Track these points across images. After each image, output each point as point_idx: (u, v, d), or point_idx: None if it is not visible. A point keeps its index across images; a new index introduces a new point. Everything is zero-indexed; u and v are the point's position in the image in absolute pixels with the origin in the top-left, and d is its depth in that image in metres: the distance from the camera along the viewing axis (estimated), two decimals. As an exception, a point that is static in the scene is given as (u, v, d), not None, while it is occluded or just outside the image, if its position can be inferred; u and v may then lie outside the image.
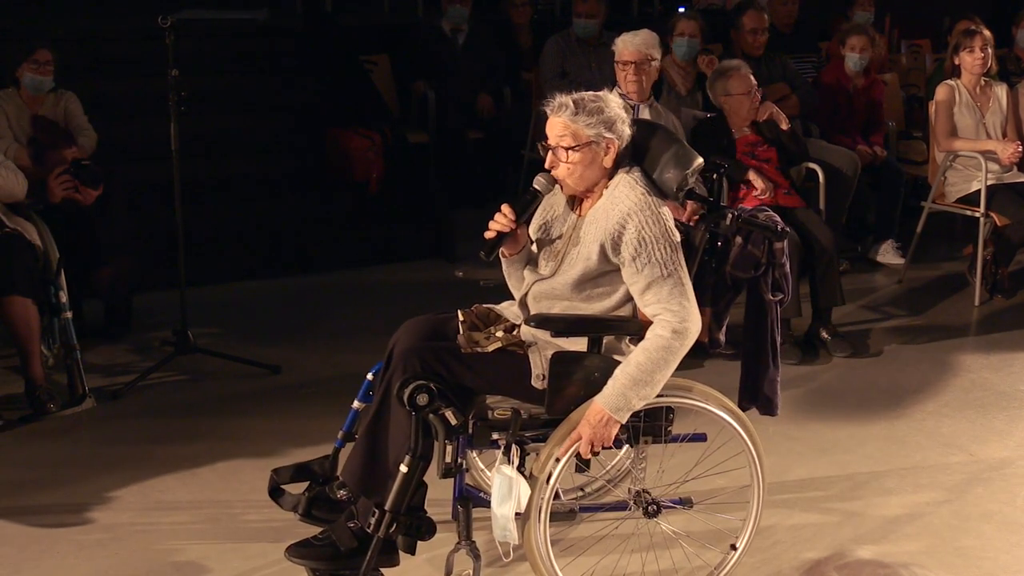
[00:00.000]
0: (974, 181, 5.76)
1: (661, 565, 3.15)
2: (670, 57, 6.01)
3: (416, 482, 2.83)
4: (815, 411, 4.43)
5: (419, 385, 2.75)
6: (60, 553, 3.31)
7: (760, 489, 3.07)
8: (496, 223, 2.96)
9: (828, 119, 6.40)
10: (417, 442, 2.79)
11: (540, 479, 2.83)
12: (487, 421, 2.92)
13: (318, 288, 6.01)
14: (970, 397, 4.59)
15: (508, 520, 2.79)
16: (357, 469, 2.95)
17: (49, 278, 4.39)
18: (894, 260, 6.39)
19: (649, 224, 2.83)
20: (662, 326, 2.82)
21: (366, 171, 6.64)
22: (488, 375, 2.90)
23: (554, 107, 2.93)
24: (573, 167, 2.92)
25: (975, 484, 3.82)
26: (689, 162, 2.98)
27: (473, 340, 2.95)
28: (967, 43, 5.87)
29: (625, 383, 2.80)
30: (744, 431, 3.02)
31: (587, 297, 2.95)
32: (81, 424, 4.25)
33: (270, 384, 4.65)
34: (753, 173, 5.18)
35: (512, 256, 3.06)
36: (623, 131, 2.95)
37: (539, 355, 2.89)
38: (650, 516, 3.03)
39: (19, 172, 4.49)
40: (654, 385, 2.82)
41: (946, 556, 3.34)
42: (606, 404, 2.80)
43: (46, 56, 5.03)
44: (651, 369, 2.80)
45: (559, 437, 2.85)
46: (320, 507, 3.10)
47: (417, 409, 2.75)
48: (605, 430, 2.80)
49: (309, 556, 2.93)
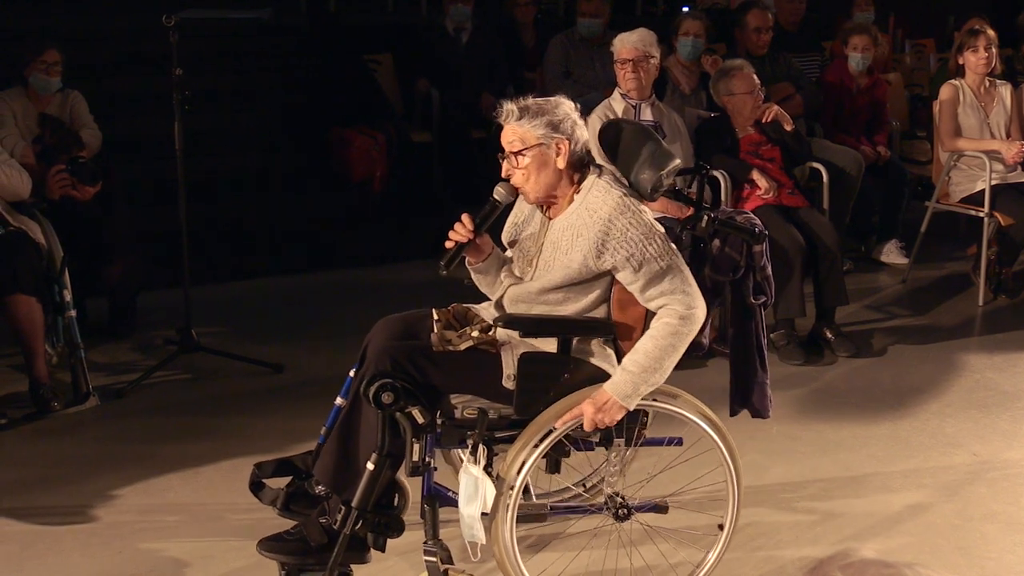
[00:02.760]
0: (978, 181, 5.75)
1: (638, 562, 3.14)
2: (674, 56, 6.01)
3: (385, 480, 2.85)
4: (818, 411, 4.43)
5: (384, 383, 2.76)
6: (63, 551, 3.32)
7: (736, 493, 3.04)
8: (455, 233, 2.98)
9: (832, 118, 6.39)
10: (384, 440, 2.82)
11: (507, 479, 2.83)
12: (455, 420, 2.93)
13: (321, 287, 6.01)
14: (974, 397, 4.59)
15: (474, 520, 2.80)
16: (329, 466, 2.97)
17: (53, 276, 4.39)
18: (898, 260, 6.39)
19: (633, 224, 2.84)
20: (669, 314, 2.83)
21: (369, 170, 6.64)
22: (458, 374, 2.90)
23: (502, 115, 2.94)
24: (527, 172, 2.92)
25: (979, 484, 3.82)
26: (664, 163, 2.96)
27: (445, 339, 2.95)
28: (971, 42, 5.87)
29: (635, 371, 2.81)
30: (718, 436, 3.00)
31: (563, 300, 2.95)
32: (85, 422, 4.25)
33: (273, 383, 4.65)
34: (757, 173, 5.18)
35: (477, 264, 3.08)
36: (573, 132, 2.93)
37: (511, 355, 2.89)
38: (620, 520, 3.02)
39: (23, 171, 4.50)
40: (663, 372, 2.83)
41: (950, 556, 3.34)
42: (615, 391, 2.81)
43: (55, 57, 5.04)
44: (659, 356, 2.81)
45: (529, 436, 2.85)
46: (299, 502, 3.10)
47: (382, 407, 2.77)
48: (609, 413, 2.81)
49: (279, 550, 2.95)
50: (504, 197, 3.00)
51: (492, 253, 3.08)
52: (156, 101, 5.39)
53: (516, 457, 2.84)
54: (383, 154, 6.65)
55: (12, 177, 4.42)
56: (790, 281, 4.94)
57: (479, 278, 3.14)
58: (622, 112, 4.99)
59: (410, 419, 2.78)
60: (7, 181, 4.41)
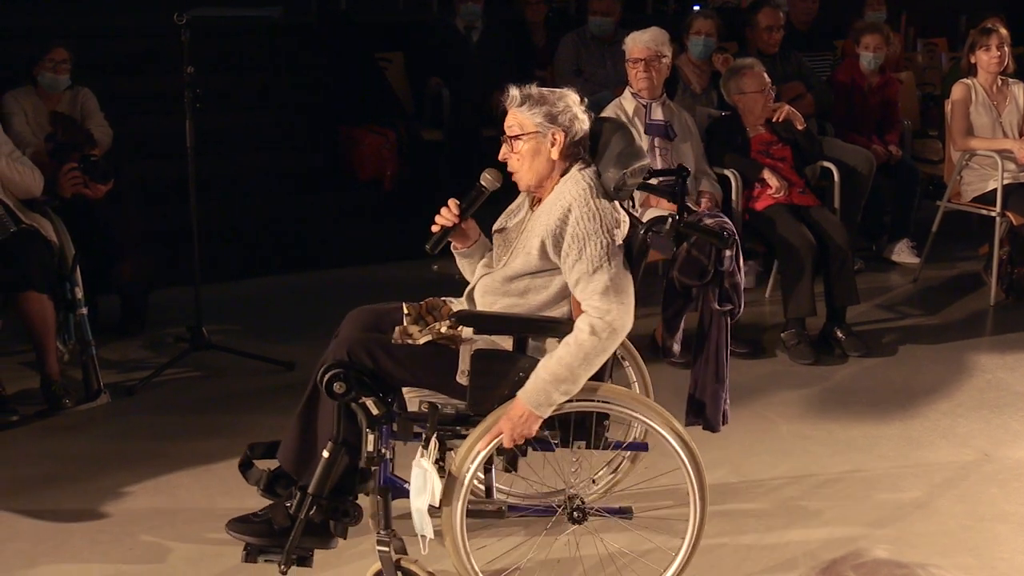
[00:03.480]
0: (990, 180, 5.73)
1: (601, 550, 3.12)
2: (685, 55, 6.00)
3: (340, 467, 2.86)
4: (829, 410, 4.42)
5: (336, 373, 2.78)
6: (74, 548, 3.33)
7: (698, 507, 2.94)
8: (441, 217, 3.04)
9: (843, 118, 6.38)
10: (339, 429, 2.84)
11: (459, 474, 2.83)
12: (408, 413, 2.94)
13: (332, 285, 6.02)
14: (985, 397, 4.57)
15: (422, 513, 2.81)
16: (290, 451, 3.01)
17: (65, 274, 4.40)
18: (909, 259, 6.37)
19: (584, 219, 2.83)
20: (584, 320, 2.81)
21: (380, 168, 6.65)
22: (412, 368, 2.91)
23: (507, 99, 2.97)
24: (521, 158, 2.96)
25: (990, 484, 3.80)
26: (630, 162, 2.94)
27: (407, 332, 2.97)
28: (983, 41, 5.85)
29: (546, 378, 2.79)
30: (680, 445, 2.91)
31: (524, 291, 2.95)
32: (96, 420, 4.27)
33: (283, 381, 4.66)
34: (768, 172, 5.17)
35: (463, 249, 3.12)
36: (571, 124, 2.94)
37: (469, 351, 2.90)
38: (576, 523, 3.00)
39: (36, 168, 4.52)
40: (575, 381, 2.79)
41: (961, 556, 3.33)
42: (527, 400, 2.80)
43: (62, 55, 5.06)
44: (572, 364, 2.78)
45: (480, 432, 2.85)
46: (281, 484, 3.10)
47: (334, 396, 2.80)
48: (525, 425, 2.80)
49: (244, 531, 2.98)
50: (490, 183, 3.04)
51: (479, 240, 3.12)
52: (167, 99, 5.40)
53: (468, 452, 2.84)
54: (393, 152, 6.66)
55: (24, 175, 4.44)
56: (801, 280, 4.94)
57: (463, 264, 3.17)
58: (633, 111, 4.99)
59: (364, 410, 2.80)
60: (19, 179, 4.42)
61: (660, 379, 3.38)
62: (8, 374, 4.42)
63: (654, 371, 3.51)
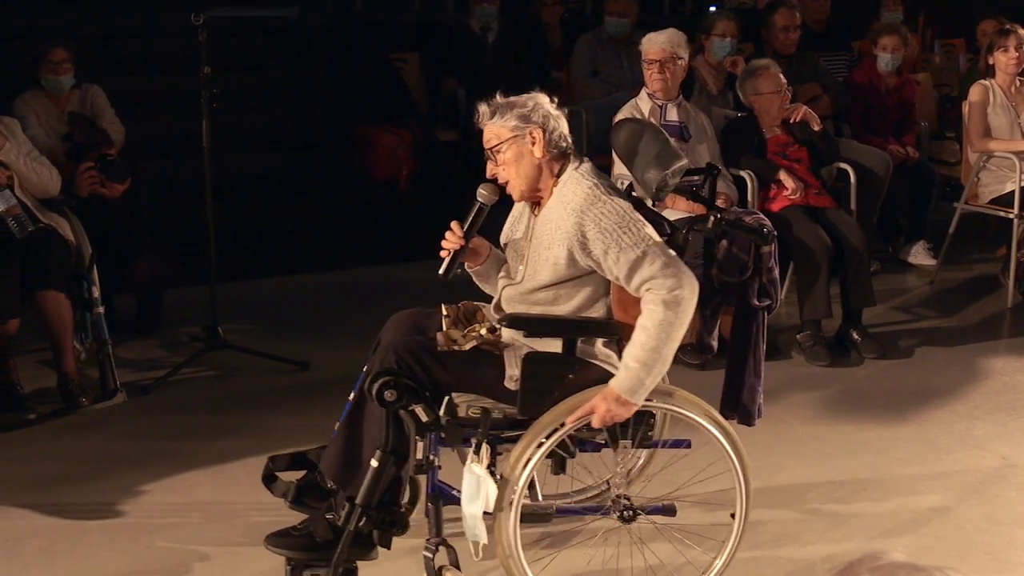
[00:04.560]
0: (1008, 182, 5.70)
1: (646, 562, 3.12)
2: (702, 56, 5.99)
3: (388, 477, 2.84)
4: (845, 412, 4.41)
5: (387, 381, 2.76)
6: (91, 545, 3.34)
7: (744, 500, 2.99)
8: (447, 241, 3.01)
9: (860, 119, 6.36)
10: (388, 437, 2.81)
11: (511, 478, 2.82)
12: (459, 419, 2.92)
13: (348, 285, 6.03)
14: (1002, 400, 4.55)
15: (476, 519, 2.79)
16: (334, 461, 2.97)
17: (82, 273, 4.43)
18: (926, 261, 6.35)
19: (605, 214, 2.82)
20: (652, 300, 2.79)
21: (396, 169, 6.66)
22: (462, 373, 2.90)
23: (479, 118, 2.97)
24: (507, 167, 2.95)
25: (1007, 488, 3.78)
26: (670, 162, 2.96)
27: (451, 338, 2.95)
28: (1001, 42, 5.83)
29: (635, 366, 2.78)
30: (726, 439, 2.96)
31: (554, 299, 2.94)
32: (112, 418, 4.28)
33: (299, 381, 4.67)
34: (784, 173, 5.16)
35: (476, 268, 3.10)
36: (545, 121, 2.92)
37: (514, 356, 2.89)
38: (626, 522, 3.01)
39: (53, 168, 4.55)
40: (664, 360, 2.80)
41: (978, 559, 3.31)
42: (620, 388, 2.79)
43: (60, 55, 5.06)
44: (655, 346, 2.77)
45: (532, 436, 2.84)
46: (310, 496, 3.10)
47: (385, 404, 2.77)
48: (620, 409, 2.79)
49: (286, 545, 2.95)
50: (487, 198, 3.02)
51: (490, 255, 3.10)
52: (184, 99, 5.42)
53: (520, 457, 2.83)
54: (409, 153, 6.67)
55: (42, 175, 4.46)
56: (817, 282, 4.92)
57: (481, 281, 3.16)
58: (648, 112, 4.98)
59: (413, 417, 2.78)
60: (37, 179, 4.45)
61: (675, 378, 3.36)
62: (25, 372, 4.44)
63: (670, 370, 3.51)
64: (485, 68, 6.96)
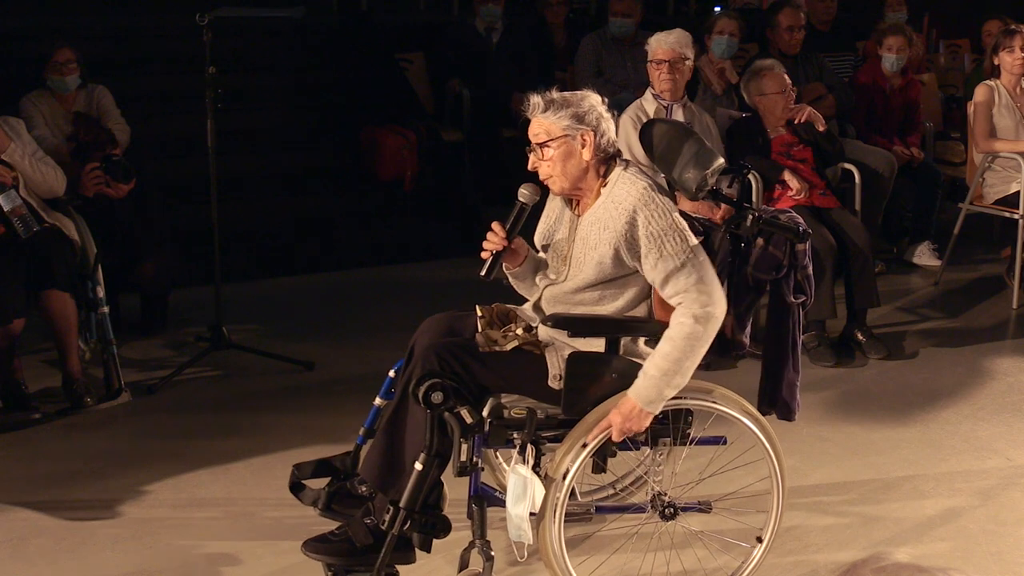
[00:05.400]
0: (1013, 182, 5.70)
1: (678, 566, 3.13)
2: (706, 57, 5.99)
3: (432, 480, 2.84)
4: (849, 413, 4.41)
5: (434, 383, 2.75)
6: (96, 545, 3.35)
7: (780, 494, 3.04)
8: (489, 243, 2.98)
9: (864, 119, 6.35)
10: (432, 440, 2.81)
11: (556, 478, 2.82)
12: (503, 420, 2.91)
13: (352, 285, 6.04)
14: (1007, 400, 4.55)
15: (522, 520, 2.78)
16: (375, 465, 2.96)
17: (87, 273, 4.44)
18: (930, 262, 6.34)
19: (655, 218, 2.82)
20: (683, 313, 2.81)
21: (400, 169, 6.66)
22: (505, 374, 2.90)
23: (529, 108, 2.95)
24: (552, 164, 2.93)
25: (1011, 489, 3.78)
26: (709, 162, 2.96)
27: (491, 339, 2.95)
28: (1007, 43, 5.82)
29: (655, 375, 2.80)
30: (763, 435, 3.00)
31: (599, 299, 2.95)
32: (117, 418, 4.29)
33: (303, 380, 4.67)
34: (788, 173, 5.16)
35: (515, 269, 3.08)
36: (598, 124, 2.93)
37: (556, 355, 2.89)
38: (667, 519, 3.02)
39: (59, 168, 4.56)
40: (684, 373, 2.81)
41: (982, 561, 3.31)
42: (638, 397, 2.80)
43: (66, 55, 5.07)
44: (679, 358, 2.79)
45: (575, 437, 2.84)
46: (340, 502, 3.11)
47: (432, 407, 2.76)
48: (637, 420, 2.81)
49: (325, 551, 2.94)
50: (528, 198, 3.00)
51: (528, 256, 3.08)
52: (189, 99, 5.43)
53: (564, 458, 2.83)
54: (414, 153, 6.67)
55: (48, 175, 4.47)
56: (821, 283, 4.91)
57: (517, 283, 3.14)
58: (653, 112, 4.98)
59: (458, 419, 2.77)
60: (42, 179, 4.46)
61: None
62: (30, 372, 4.45)
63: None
64: (490, 68, 6.96)
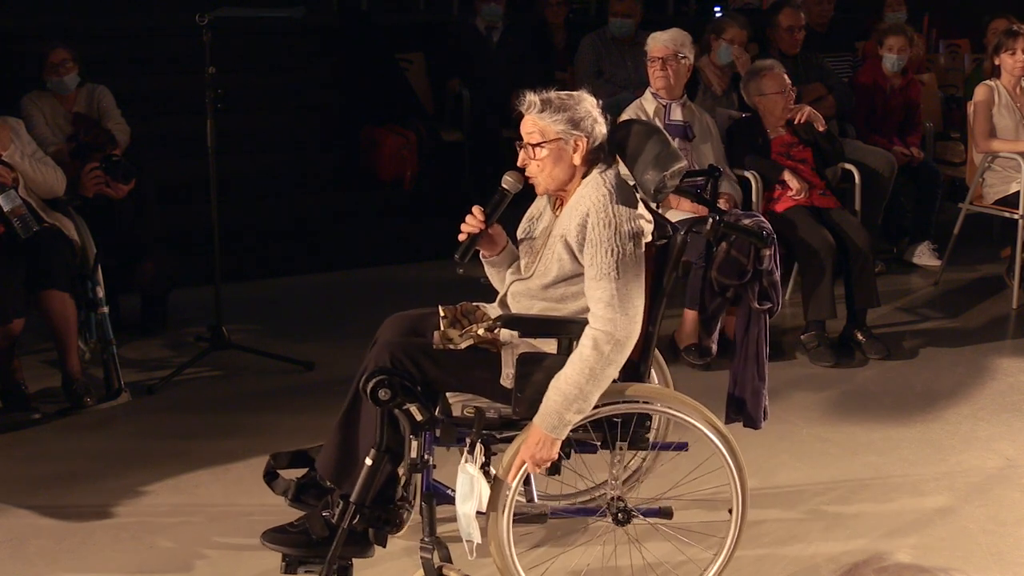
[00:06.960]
0: (1013, 183, 5.70)
1: (639, 561, 3.12)
2: (707, 57, 5.99)
3: (383, 475, 2.86)
4: (849, 413, 4.40)
5: (381, 380, 2.77)
6: (96, 545, 3.34)
7: (741, 501, 2.98)
8: (467, 225, 3.00)
9: (864, 119, 6.35)
10: (382, 436, 2.83)
11: (505, 479, 2.82)
12: (453, 418, 2.92)
13: (352, 285, 6.03)
14: (1007, 400, 4.55)
15: (470, 519, 2.79)
16: (330, 460, 2.99)
17: (86, 273, 4.44)
18: (930, 262, 6.34)
19: (600, 226, 2.81)
20: (587, 334, 2.79)
21: (400, 169, 6.66)
22: (458, 372, 2.90)
23: (525, 105, 2.95)
24: (542, 164, 2.94)
25: (1012, 489, 3.78)
26: (669, 164, 2.95)
27: (447, 337, 2.95)
28: (1008, 44, 5.83)
29: (557, 400, 2.78)
30: (721, 441, 2.95)
31: (561, 297, 2.95)
32: (116, 418, 4.29)
33: (303, 380, 4.67)
34: (788, 173, 5.16)
35: (491, 257, 3.09)
36: (593, 129, 2.93)
37: (511, 354, 2.89)
38: (620, 524, 3.01)
39: (59, 168, 4.56)
40: (586, 399, 2.78)
41: (982, 561, 3.30)
42: (542, 424, 2.79)
43: (61, 55, 5.06)
44: (579, 382, 2.76)
45: (520, 442, 2.84)
46: (309, 493, 3.11)
47: (379, 403, 2.78)
48: (545, 450, 2.80)
49: (282, 542, 2.97)
50: (512, 186, 3.02)
51: (506, 247, 3.10)
52: (188, 100, 5.42)
53: (512, 460, 2.84)
54: (414, 153, 6.67)
55: (48, 175, 4.47)
56: (821, 282, 4.92)
57: (492, 272, 3.15)
58: (653, 112, 4.98)
59: (408, 416, 2.79)
60: (42, 179, 4.46)
61: (680, 379, 3.37)
62: (30, 372, 4.45)
63: (674, 371, 3.51)
64: (490, 68, 6.96)
